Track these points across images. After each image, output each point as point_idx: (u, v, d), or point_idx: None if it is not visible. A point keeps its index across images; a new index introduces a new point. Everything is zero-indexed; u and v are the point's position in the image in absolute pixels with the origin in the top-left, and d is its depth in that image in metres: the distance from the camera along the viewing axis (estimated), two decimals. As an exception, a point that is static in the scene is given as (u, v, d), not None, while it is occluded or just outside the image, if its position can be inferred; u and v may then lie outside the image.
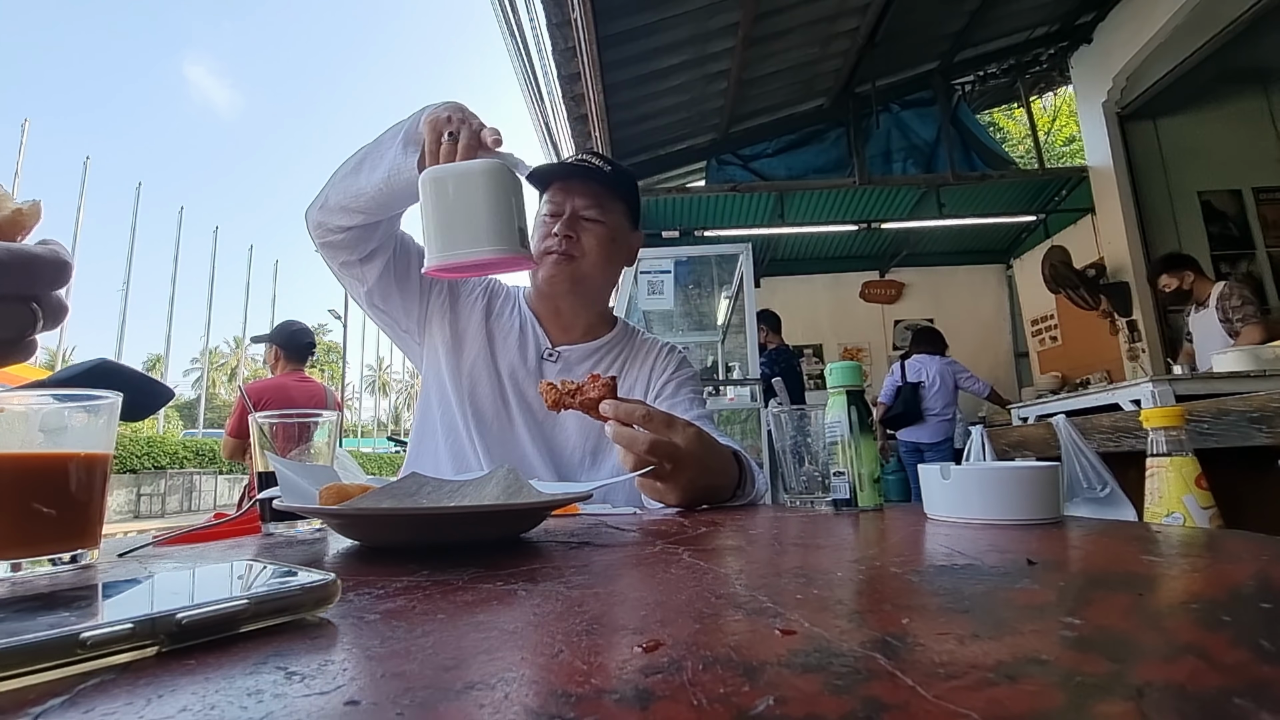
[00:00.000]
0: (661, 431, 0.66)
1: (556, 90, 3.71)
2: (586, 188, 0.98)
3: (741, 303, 3.38)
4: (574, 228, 0.97)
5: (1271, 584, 0.27)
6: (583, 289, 1.00)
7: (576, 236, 0.97)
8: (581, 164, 0.99)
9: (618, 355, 1.06)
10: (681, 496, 0.68)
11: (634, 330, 1.12)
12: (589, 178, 0.98)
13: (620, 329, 1.09)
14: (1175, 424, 0.77)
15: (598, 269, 0.99)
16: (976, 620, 0.22)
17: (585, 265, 0.97)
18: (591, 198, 0.98)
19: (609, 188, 1.00)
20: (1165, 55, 3.99)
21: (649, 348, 1.08)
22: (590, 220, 0.98)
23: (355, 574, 0.35)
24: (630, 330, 1.11)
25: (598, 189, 0.99)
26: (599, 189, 0.99)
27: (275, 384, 2.72)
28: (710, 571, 0.33)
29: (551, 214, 0.98)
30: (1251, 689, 0.15)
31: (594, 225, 0.98)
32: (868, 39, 4.10)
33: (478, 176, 0.68)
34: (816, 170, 4.92)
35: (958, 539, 0.41)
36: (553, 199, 0.99)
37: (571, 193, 0.98)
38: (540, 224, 1.00)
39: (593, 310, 1.06)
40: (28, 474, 0.38)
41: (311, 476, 0.52)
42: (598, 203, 0.98)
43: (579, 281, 0.98)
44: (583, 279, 0.98)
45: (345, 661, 0.20)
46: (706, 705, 0.15)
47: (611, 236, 1.00)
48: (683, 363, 1.08)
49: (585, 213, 0.98)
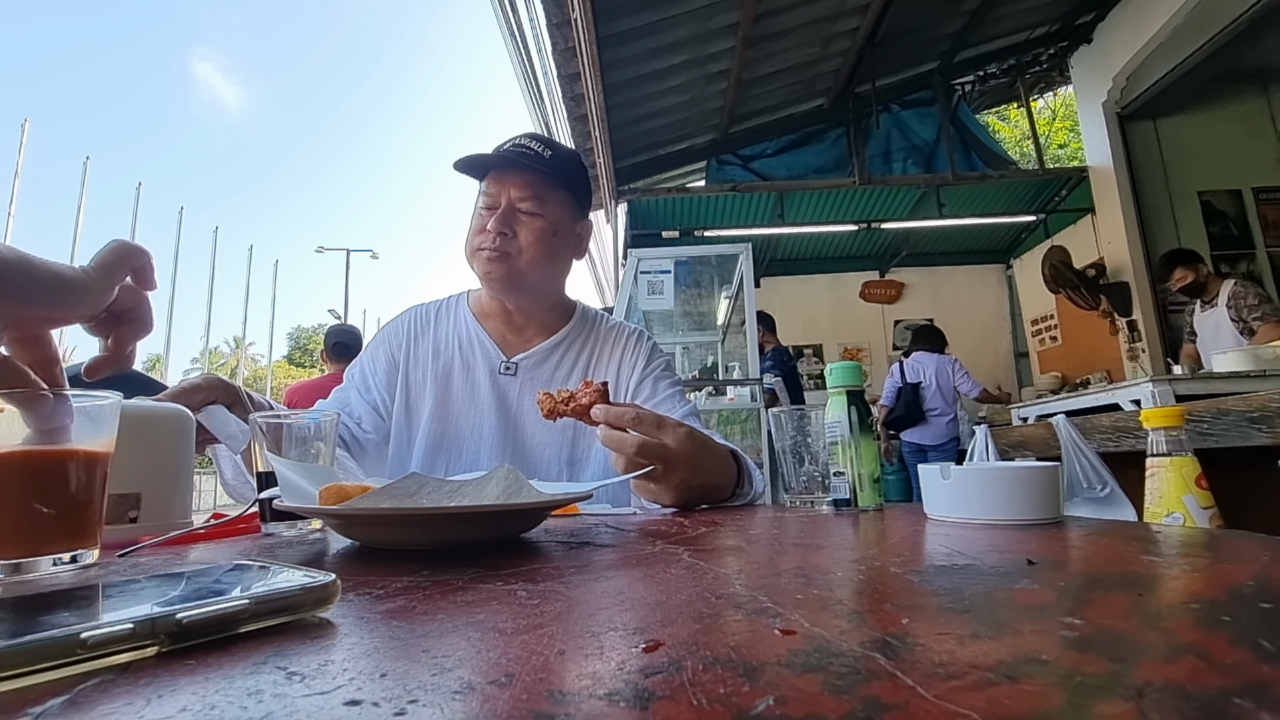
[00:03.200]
0: (651, 433, 0.66)
1: (556, 90, 3.72)
2: (523, 178, 0.91)
3: (741, 303, 3.38)
4: (509, 223, 0.90)
5: (1271, 584, 0.27)
6: (523, 287, 0.94)
7: (512, 232, 0.90)
8: (518, 150, 0.91)
9: (580, 350, 1.01)
10: (675, 497, 0.68)
11: (594, 316, 1.06)
12: (525, 167, 0.90)
13: (578, 319, 1.04)
14: (1175, 424, 0.77)
15: (536, 266, 0.92)
16: (976, 620, 0.22)
17: (522, 263, 0.91)
18: (528, 189, 0.90)
19: (548, 176, 0.91)
20: (1165, 55, 3.99)
21: (614, 337, 1.03)
22: (527, 214, 0.91)
23: (355, 574, 0.35)
24: (590, 318, 1.06)
25: (535, 179, 0.91)
26: (537, 179, 0.91)
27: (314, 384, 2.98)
28: (710, 571, 0.33)
29: (486, 207, 0.92)
30: (1251, 689, 0.15)
31: (531, 219, 0.91)
32: (868, 39, 4.10)
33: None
34: (816, 170, 4.92)
35: (958, 539, 0.41)
36: (488, 190, 0.92)
37: (506, 184, 0.91)
38: (476, 216, 0.94)
39: (543, 306, 1.00)
40: (28, 474, 0.38)
41: (311, 476, 0.52)
42: (535, 194, 0.91)
43: (515, 279, 0.92)
44: (519, 276, 0.92)
45: (345, 661, 0.20)
46: (706, 705, 0.15)
47: (552, 230, 0.92)
48: (653, 352, 1.04)
49: (521, 205, 0.90)
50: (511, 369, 0.97)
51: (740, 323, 3.46)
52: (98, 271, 0.40)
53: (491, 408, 0.94)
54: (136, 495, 0.54)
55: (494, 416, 0.94)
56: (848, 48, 4.26)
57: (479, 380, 0.96)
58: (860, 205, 5.35)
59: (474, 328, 1.00)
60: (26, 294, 0.36)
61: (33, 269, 0.37)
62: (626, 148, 4.50)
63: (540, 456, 0.94)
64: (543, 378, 0.98)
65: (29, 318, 0.38)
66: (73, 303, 0.39)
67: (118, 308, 0.43)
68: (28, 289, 0.36)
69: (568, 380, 0.98)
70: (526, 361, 0.98)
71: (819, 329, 6.15)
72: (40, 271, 0.37)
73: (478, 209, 0.94)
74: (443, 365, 0.97)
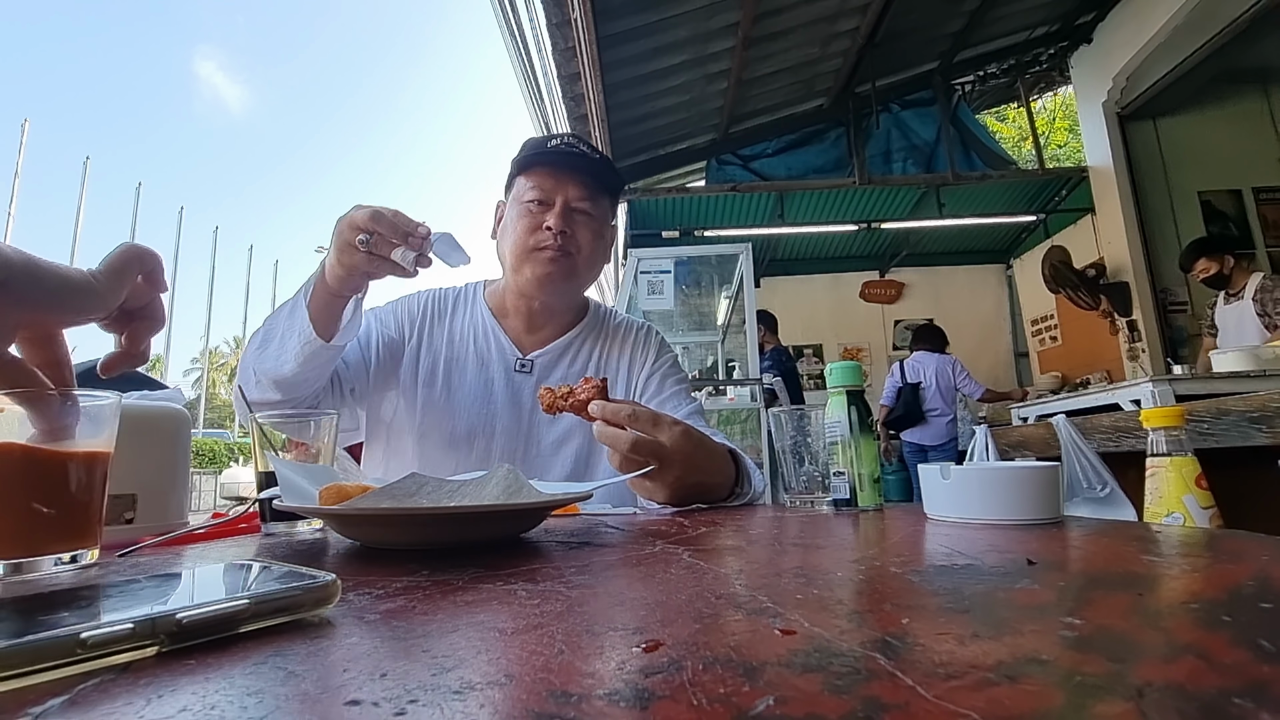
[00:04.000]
0: (647, 430, 0.66)
1: (556, 90, 3.71)
2: (580, 179, 0.90)
3: (741, 303, 3.39)
4: (569, 222, 0.89)
5: (1271, 584, 0.27)
6: (574, 288, 0.95)
7: (571, 232, 0.89)
8: (572, 149, 0.91)
9: (593, 346, 1.01)
10: (670, 495, 0.68)
11: (605, 313, 1.07)
12: (581, 167, 0.91)
13: (591, 315, 1.04)
14: (1175, 424, 0.77)
15: (589, 267, 0.93)
16: (976, 620, 0.22)
17: (580, 263, 0.91)
18: (585, 189, 0.91)
19: (599, 179, 0.92)
20: (1165, 55, 3.99)
21: (623, 333, 1.03)
22: (584, 214, 0.91)
23: (355, 574, 0.35)
24: (600, 313, 1.06)
25: (590, 181, 0.91)
26: (591, 181, 0.91)
27: None
28: (710, 571, 0.33)
29: (539, 201, 0.90)
30: (1251, 689, 0.15)
31: (588, 220, 0.91)
32: (868, 39, 4.10)
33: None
34: (816, 170, 4.91)
35: (958, 539, 0.41)
36: (540, 184, 0.90)
37: (563, 182, 0.90)
38: (523, 212, 0.91)
39: (569, 306, 1.01)
40: (28, 474, 0.38)
41: (311, 476, 0.52)
42: (591, 195, 0.91)
43: (572, 280, 0.92)
44: (575, 277, 0.92)
45: (345, 662, 0.20)
46: (706, 705, 0.15)
47: (601, 232, 0.94)
48: (661, 347, 1.04)
49: (580, 205, 0.90)
50: (527, 366, 0.96)
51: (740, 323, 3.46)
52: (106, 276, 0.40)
53: (506, 405, 0.93)
54: (132, 496, 0.54)
55: (508, 415, 0.93)
56: (848, 48, 4.25)
57: (494, 377, 0.95)
58: (860, 205, 5.35)
59: (490, 323, 0.98)
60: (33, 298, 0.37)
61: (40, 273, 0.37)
62: (626, 148, 4.50)
63: (555, 454, 0.93)
64: (558, 375, 0.97)
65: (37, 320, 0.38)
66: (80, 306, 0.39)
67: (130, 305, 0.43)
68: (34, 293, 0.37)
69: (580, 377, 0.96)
70: (542, 359, 0.97)
71: (819, 329, 6.15)
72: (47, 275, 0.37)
73: (522, 204, 0.91)
74: (455, 357, 0.96)
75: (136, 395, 0.59)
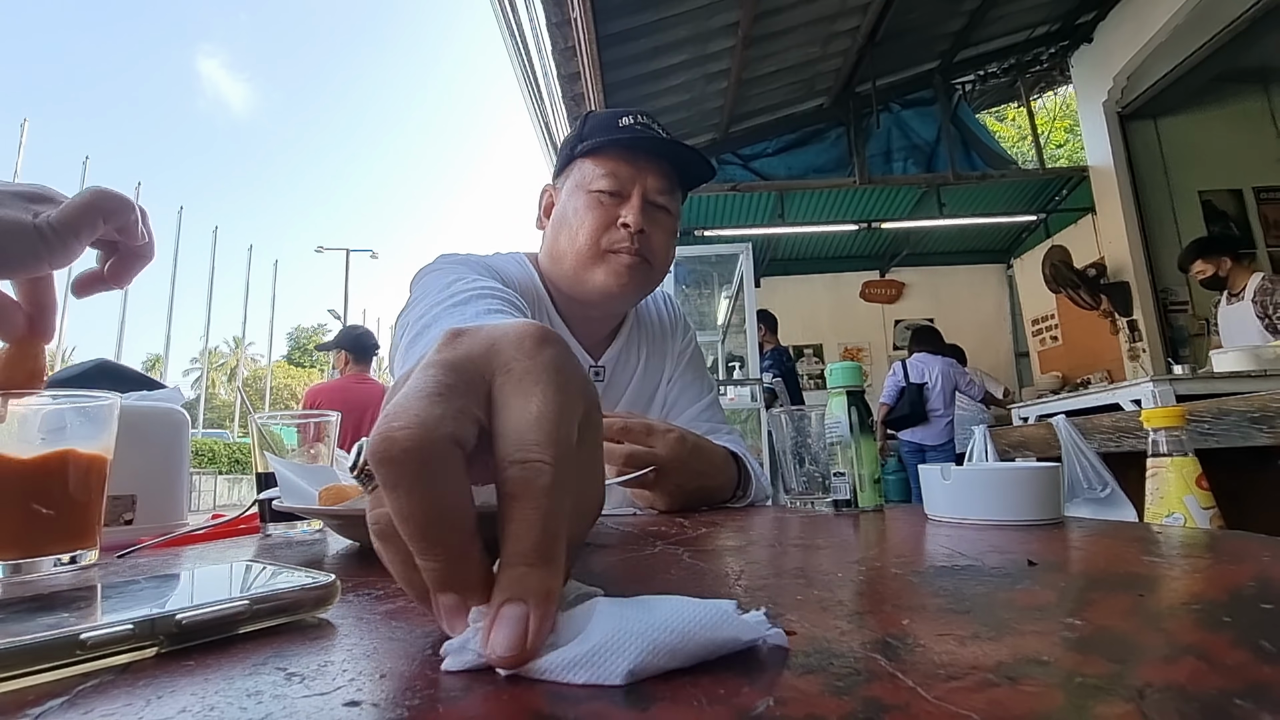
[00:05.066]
0: (641, 441, 0.65)
1: (556, 90, 3.71)
2: (662, 167, 0.77)
3: (741, 303, 3.39)
4: (648, 219, 0.76)
5: (1272, 585, 0.27)
6: (644, 293, 0.83)
7: (649, 231, 0.76)
8: (650, 131, 0.78)
9: (640, 339, 0.92)
10: (670, 502, 0.67)
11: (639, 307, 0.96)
12: (663, 153, 0.77)
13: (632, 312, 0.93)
14: (1176, 424, 0.77)
15: (663, 271, 0.81)
16: (977, 621, 0.22)
17: (655, 271, 0.79)
18: (665, 180, 0.78)
19: (684, 168, 0.80)
20: (1165, 55, 3.99)
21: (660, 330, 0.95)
22: (663, 210, 0.79)
23: (355, 574, 0.35)
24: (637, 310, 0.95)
25: (672, 170, 0.78)
26: (673, 170, 0.79)
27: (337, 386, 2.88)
28: (710, 572, 0.33)
29: (613, 193, 0.76)
30: (1252, 690, 0.15)
31: (666, 217, 0.79)
32: (868, 38, 4.10)
33: None
34: (816, 170, 4.92)
35: (958, 540, 0.41)
36: (616, 171, 0.76)
37: (643, 170, 0.76)
38: (592, 203, 0.77)
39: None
40: (27, 474, 0.38)
41: (311, 477, 0.52)
42: (670, 187, 0.79)
43: (645, 290, 0.81)
44: (649, 286, 0.81)
45: (345, 662, 0.20)
46: (706, 705, 0.15)
47: (674, 231, 0.82)
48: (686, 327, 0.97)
49: (659, 199, 0.78)
50: (600, 374, 0.86)
51: (740, 323, 3.46)
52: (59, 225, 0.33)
53: None
54: (132, 497, 0.54)
55: None
56: (848, 47, 4.25)
57: None
58: (860, 205, 5.35)
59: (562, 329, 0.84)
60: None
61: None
62: (627, 147, 4.49)
63: None
64: (623, 376, 0.89)
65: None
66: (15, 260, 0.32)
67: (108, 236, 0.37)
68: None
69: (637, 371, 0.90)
70: (611, 364, 0.88)
71: (819, 329, 6.15)
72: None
73: (589, 193, 0.77)
74: None
75: (136, 395, 0.59)
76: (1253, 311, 2.69)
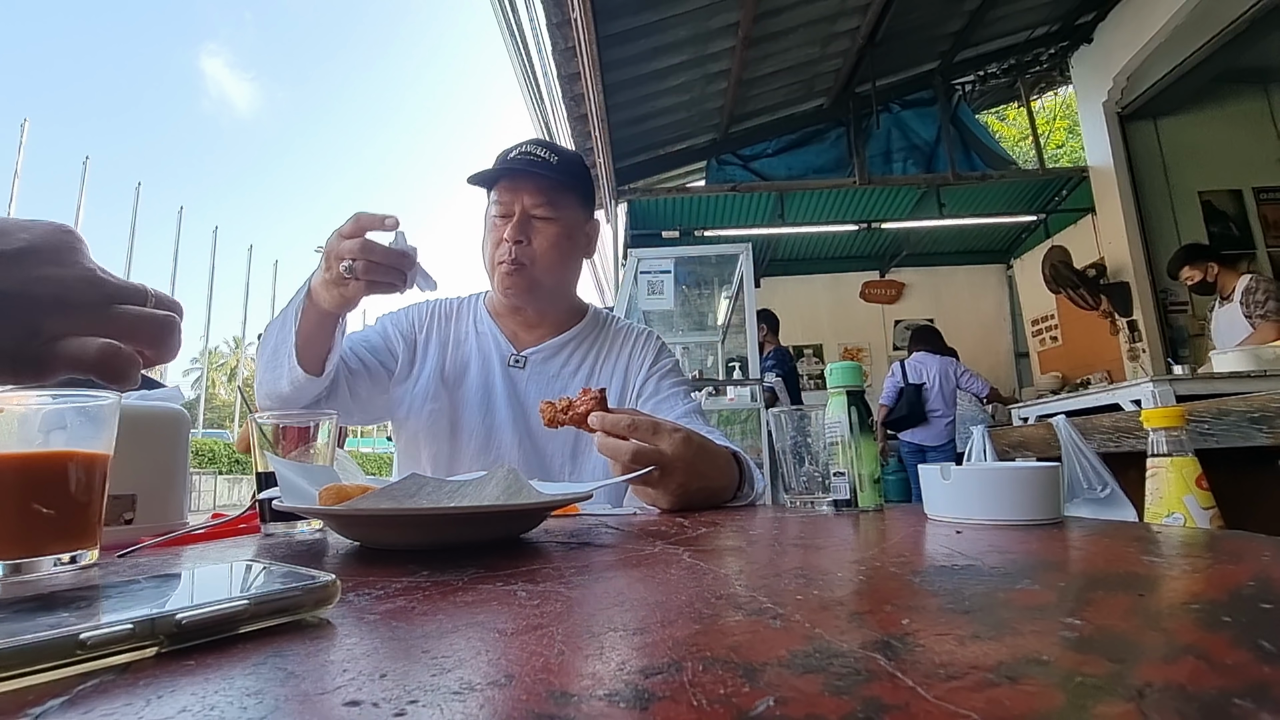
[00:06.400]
0: (647, 439, 0.65)
1: (556, 90, 3.72)
2: (534, 184, 0.93)
3: (741, 303, 3.38)
4: (525, 230, 0.92)
5: (1272, 584, 0.27)
6: (540, 293, 0.96)
7: (528, 240, 0.92)
8: (527, 158, 0.93)
9: (589, 348, 1.03)
10: (674, 502, 0.68)
11: (606, 318, 1.09)
12: (536, 174, 0.92)
13: (590, 319, 1.06)
14: (1176, 424, 0.76)
15: (552, 272, 0.95)
16: (977, 621, 0.22)
17: (538, 271, 0.93)
18: (541, 195, 0.92)
19: (559, 181, 0.94)
20: (1165, 55, 3.99)
21: (623, 337, 1.06)
22: (542, 219, 0.93)
23: (355, 574, 0.35)
24: (601, 319, 1.08)
25: (547, 185, 0.93)
26: (548, 185, 0.93)
27: None
28: (710, 572, 0.33)
29: (500, 215, 0.93)
30: (1252, 690, 0.15)
31: (546, 225, 0.93)
32: (868, 39, 4.10)
33: None
34: (816, 170, 4.91)
35: (958, 540, 0.41)
36: (500, 199, 0.94)
37: (519, 191, 0.93)
38: (490, 228, 0.95)
39: (558, 308, 1.03)
40: (28, 474, 0.38)
41: (311, 477, 0.52)
42: (548, 199, 0.93)
43: (534, 288, 0.95)
44: (537, 285, 0.94)
45: (345, 662, 0.20)
46: (706, 706, 0.15)
47: (566, 234, 0.95)
48: (661, 350, 1.06)
49: (536, 211, 0.93)
50: (520, 362, 0.99)
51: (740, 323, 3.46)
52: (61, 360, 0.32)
53: (504, 400, 0.96)
54: (131, 497, 0.54)
55: (506, 409, 0.96)
56: (848, 47, 4.25)
57: (492, 372, 0.99)
58: (860, 205, 5.35)
59: (488, 324, 1.03)
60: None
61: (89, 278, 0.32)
62: (626, 148, 4.50)
63: (546, 448, 0.96)
64: (550, 372, 1.00)
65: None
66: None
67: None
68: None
69: (574, 376, 1.01)
70: (536, 355, 1.00)
71: (819, 329, 6.15)
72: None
73: (490, 219, 0.95)
74: (461, 358, 1.00)
75: (136, 395, 0.59)
76: (1240, 312, 2.74)
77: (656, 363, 1.03)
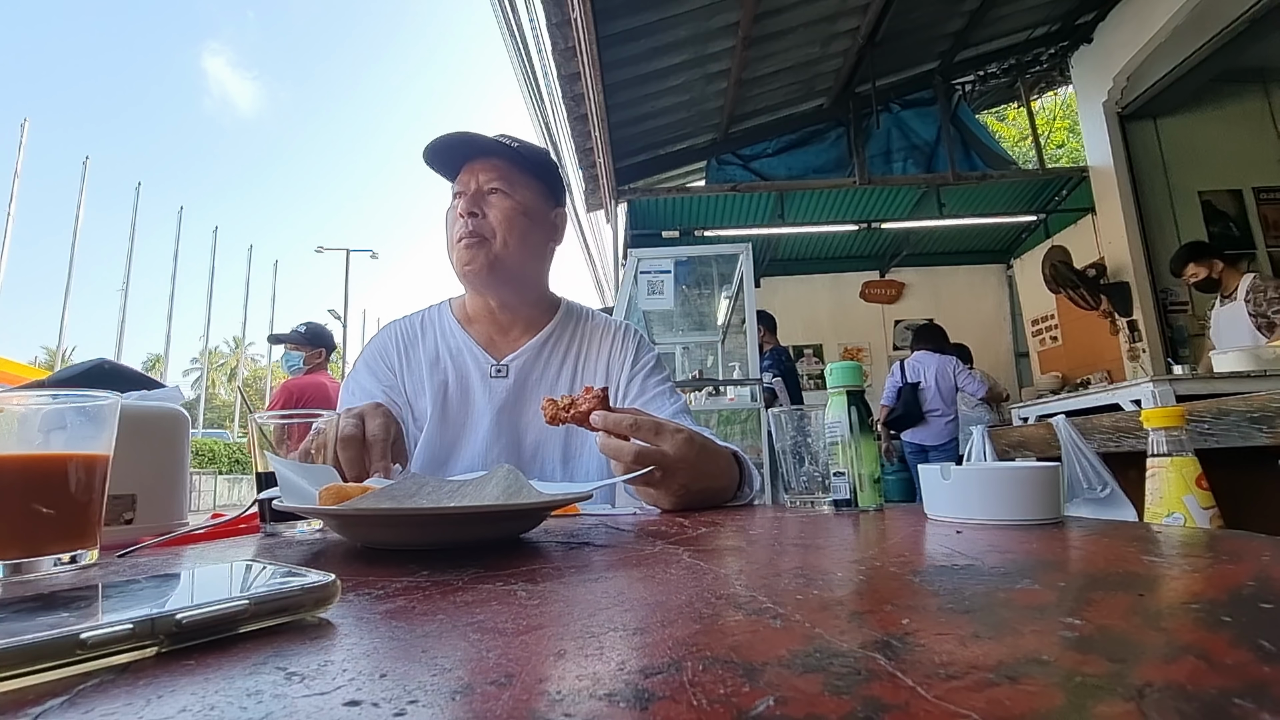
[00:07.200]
0: (650, 439, 0.65)
1: (556, 90, 3.72)
2: (489, 162, 0.93)
3: (741, 303, 3.38)
4: (479, 204, 0.91)
5: (1272, 584, 0.27)
6: (501, 273, 0.92)
7: (483, 213, 0.91)
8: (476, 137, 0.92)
9: (568, 346, 1.00)
10: (675, 502, 0.68)
11: (580, 311, 1.06)
12: (490, 153, 0.93)
13: (563, 314, 1.03)
14: (1176, 424, 0.77)
15: (512, 247, 0.91)
16: (977, 621, 0.22)
17: (496, 246, 0.91)
18: (495, 171, 0.92)
19: (515, 161, 0.94)
20: (1165, 55, 3.99)
21: (600, 333, 1.02)
22: (497, 192, 0.92)
23: (355, 574, 0.35)
24: (575, 313, 1.05)
25: (502, 163, 0.93)
26: (504, 163, 0.93)
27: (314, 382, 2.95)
28: (710, 572, 0.33)
29: (457, 194, 0.93)
30: (1252, 690, 0.15)
31: (501, 199, 0.91)
32: (868, 39, 4.10)
33: None
34: (816, 170, 4.91)
35: (958, 539, 0.41)
36: (458, 182, 0.94)
37: (475, 170, 0.93)
38: (451, 209, 0.94)
39: (528, 301, 1.00)
40: (28, 474, 0.38)
41: (311, 477, 0.52)
42: (503, 176, 0.92)
43: (494, 266, 0.91)
44: (498, 260, 0.91)
45: (345, 662, 0.20)
46: (706, 705, 0.15)
47: (522, 210, 0.93)
48: (640, 346, 1.03)
49: (489, 186, 0.92)
50: (503, 371, 0.96)
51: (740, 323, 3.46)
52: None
53: (486, 413, 0.93)
54: (131, 497, 0.54)
55: (489, 421, 0.92)
56: (848, 47, 4.25)
57: (472, 386, 0.95)
58: (860, 205, 5.35)
59: (460, 336, 0.98)
60: None
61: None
62: (626, 148, 4.50)
63: (535, 457, 0.93)
64: (534, 376, 0.97)
65: None
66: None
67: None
68: None
69: (558, 378, 0.98)
70: (516, 362, 0.96)
71: (819, 329, 6.15)
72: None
73: (451, 206, 0.94)
74: (439, 378, 0.95)
75: (135, 395, 0.59)
76: (1245, 311, 2.72)
77: (638, 360, 1.01)
